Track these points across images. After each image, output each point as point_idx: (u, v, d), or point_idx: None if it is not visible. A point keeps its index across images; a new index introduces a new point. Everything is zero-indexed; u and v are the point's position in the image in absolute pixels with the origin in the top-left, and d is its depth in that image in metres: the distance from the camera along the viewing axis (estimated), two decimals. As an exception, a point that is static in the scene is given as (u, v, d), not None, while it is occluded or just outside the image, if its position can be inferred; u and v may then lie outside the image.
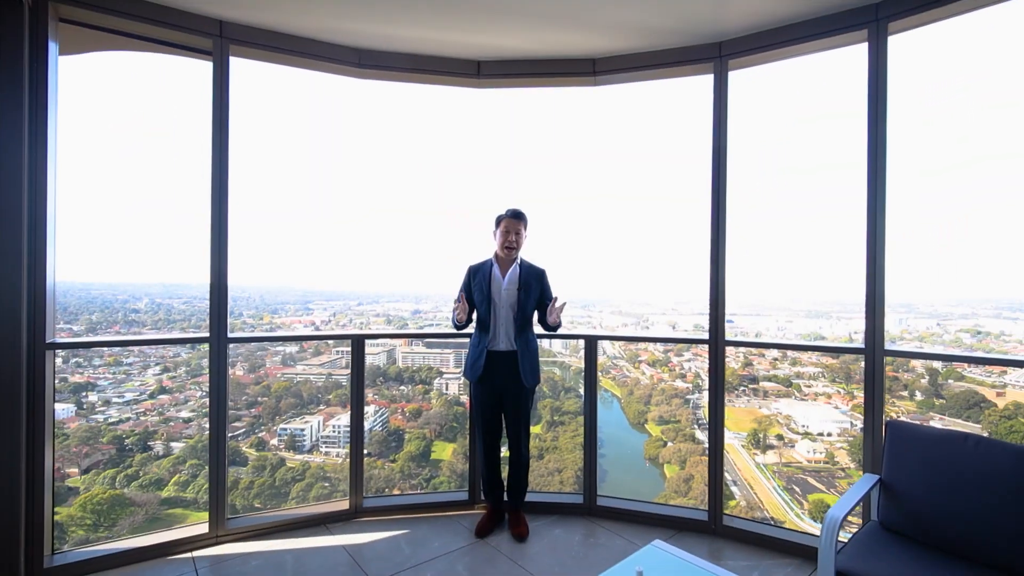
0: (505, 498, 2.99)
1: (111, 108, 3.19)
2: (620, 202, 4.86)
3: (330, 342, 3.82)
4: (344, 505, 3.03)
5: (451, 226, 4.59)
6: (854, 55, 2.66)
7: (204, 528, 2.72)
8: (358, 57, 3.02)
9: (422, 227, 4.70)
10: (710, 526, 2.89)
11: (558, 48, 3.01)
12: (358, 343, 3.07)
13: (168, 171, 3.38)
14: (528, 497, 3.05)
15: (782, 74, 2.99)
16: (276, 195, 4.32)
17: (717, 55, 2.85)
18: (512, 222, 2.87)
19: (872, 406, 2.49)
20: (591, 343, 3.20)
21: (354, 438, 3.04)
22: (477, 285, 2.89)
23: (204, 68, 2.77)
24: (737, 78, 2.89)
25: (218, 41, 2.71)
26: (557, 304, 2.81)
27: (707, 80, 2.93)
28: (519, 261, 2.92)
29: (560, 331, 3.00)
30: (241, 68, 2.87)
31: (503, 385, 2.82)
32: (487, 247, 3.02)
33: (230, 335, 2.73)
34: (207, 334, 2.69)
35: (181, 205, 3.18)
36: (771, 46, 2.71)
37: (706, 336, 2.93)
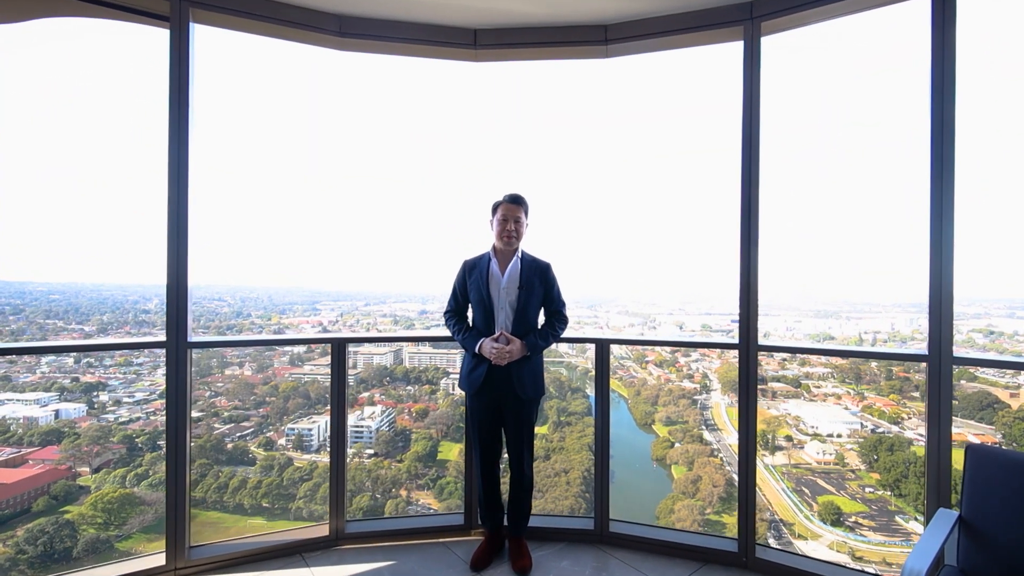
0: (505, 523, 2.63)
1: (60, 84, 2.86)
2: (628, 198, 4.60)
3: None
4: (324, 531, 2.68)
5: (453, 224, 4.38)
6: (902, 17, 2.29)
7: (161, 560, 2.38)
8: (339, 25, 2.67)
9: (424, 227, 4.57)
10: (740, 558, 2.51)
11: (565, 12, 2.64)
12: (339, 347, 2.72)
13: (145, 159, 3.08)
14: (531, 522, 2.68)
15: (814, 39, 2.63)
16: (277, 191, 4.10)
17: (748, 16, 2.48)
18: (511, 207, 2.51)
19: (938, 423, 2.10)
20: (602, 347, 2.81)
21: (335, 452, 2.68)
22: (473, 283, 2.52)
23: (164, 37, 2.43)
24: (771, 44, 2.52)
25: (176, 4, 2.37)
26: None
27: (734, 48, 2.56)
28: (520, 254, 2.55)
29: (568, 334, 2.65)
30: (211, 39, 2.53)
31: (502, 397, 2.45)
32: (486, 240, 2.67)
33: (191, 339, 2.39)
34: (164, 338, 2.35)
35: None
36: (814, 2, 2.32)
37: (732, 340, 2.56)
